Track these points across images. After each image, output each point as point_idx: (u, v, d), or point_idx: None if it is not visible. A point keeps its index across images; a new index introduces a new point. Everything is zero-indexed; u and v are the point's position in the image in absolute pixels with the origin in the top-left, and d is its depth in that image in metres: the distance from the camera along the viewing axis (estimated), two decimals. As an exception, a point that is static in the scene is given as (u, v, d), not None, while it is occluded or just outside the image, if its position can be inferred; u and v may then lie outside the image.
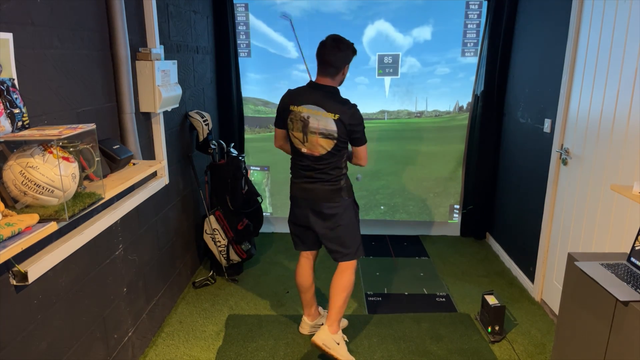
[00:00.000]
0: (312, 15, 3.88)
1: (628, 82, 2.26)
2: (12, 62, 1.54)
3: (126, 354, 2.39)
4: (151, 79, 2.42)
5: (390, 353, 2.60)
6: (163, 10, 2.73)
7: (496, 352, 2.61)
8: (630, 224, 2.19)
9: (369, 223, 4.29)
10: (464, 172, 4.12)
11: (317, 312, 2.80)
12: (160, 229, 2.81)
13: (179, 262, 3.13)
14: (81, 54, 1.98)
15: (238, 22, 3.90)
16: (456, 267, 3.67)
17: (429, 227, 4.30)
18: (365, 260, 3.77)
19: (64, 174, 1.53)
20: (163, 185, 2.71)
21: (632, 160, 2.20)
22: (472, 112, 3.99)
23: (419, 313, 3.00)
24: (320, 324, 2.77)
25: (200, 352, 2.60)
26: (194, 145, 3.36)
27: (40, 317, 1.71)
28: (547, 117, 3.06)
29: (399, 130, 4.07)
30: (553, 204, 2.99)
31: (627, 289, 1.64)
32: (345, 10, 3.86)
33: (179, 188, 3.12)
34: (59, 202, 1.55)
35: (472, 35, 3.80)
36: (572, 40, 2.75)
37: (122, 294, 2.33)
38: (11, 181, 1.47)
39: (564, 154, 2.83)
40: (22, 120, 1.54)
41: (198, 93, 3.48)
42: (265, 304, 3.11)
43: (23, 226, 1.42)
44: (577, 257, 1.92)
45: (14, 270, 1.55)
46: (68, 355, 1.88)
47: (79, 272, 1.95)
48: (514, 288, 3.34)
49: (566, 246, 2.82)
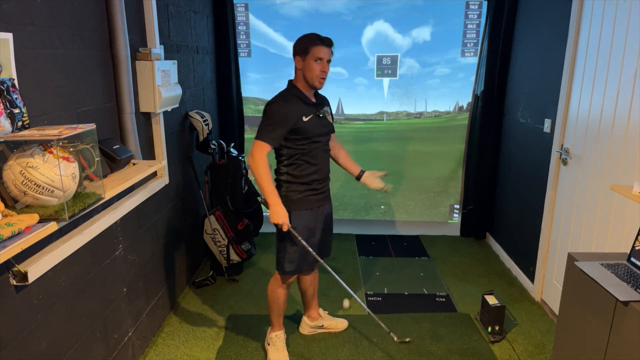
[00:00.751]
0: (311, 15, 3.88)
1: (628, 82, 2.26)
2: (12, 62, 1.54)
3: (126, 354, 2.39)
4: (151, 79, 2.42)
5: (390, 353, 2.60)
6: (163, 10, 2.73)
7: (496, 352, 2.61)
8: (630, 224, 2.19)
9: (369, 223, 4.29)
10: (464, 172, 4.12)
11: (317, 314, 2.80)
12: (160, 229, 2.81)
13: (179, 262, 3.13)
14: (81, 54, 1.98)
15: (238, 22, 3.90)
16: (456, 267, 3.67)
17: (429, 227, 4.30)
18: (365, 260, 3.77)
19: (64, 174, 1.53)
20: (163, 185, 2.71)
21: (632, 160, 2.20)
22: (472, 112, 3.99)
23: (419, 313, 3.00)
24: (320, 325, 2.77)
25: (200, 352, 2.60)
26: (194, 145, 3.36)
27: (40, 317, 1.71)
28: (547, 117, 3.06)
29: (398, 131, 4.07)
30: (553, 204, 2.99)
31: (627, 289, 1.64)
32: (345, 10, 3.86)
33: (179, 188, 3.12)
34: (59, 202, 1.55)
35: (472, 36, 3.80)
36: (572, 40, 2.75)
37: (122, 294, 2.33)
38: (11, 181, 1.47)
39: (564, 154, 2.83)
40: (22, 120, 1.54)
41: (198, 93, 3.48)
42: (265, 304, 3.10)
43: (23, 226, 1.42)
44: (577, 257, 1.92)
45: (14, 270, 1.55)
46: (68, 355, 1.88)
47: (79, 272, 1.95)
48: (514, 288, 3.34)
49: (566, 246, 2.82)
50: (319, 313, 2.82)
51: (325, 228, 2.50)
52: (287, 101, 2.25)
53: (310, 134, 2.27)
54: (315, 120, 2.30)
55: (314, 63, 2.21)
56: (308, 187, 2.33)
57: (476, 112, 3.98)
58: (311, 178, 2.33)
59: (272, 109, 2.22)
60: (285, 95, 2.28)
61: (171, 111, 2.79)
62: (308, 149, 2.29)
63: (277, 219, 2.20)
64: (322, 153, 2.37)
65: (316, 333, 2.78)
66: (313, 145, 2.30)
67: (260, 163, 2.17)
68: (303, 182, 2.32)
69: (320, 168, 2.36)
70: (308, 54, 2.20)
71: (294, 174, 2.31)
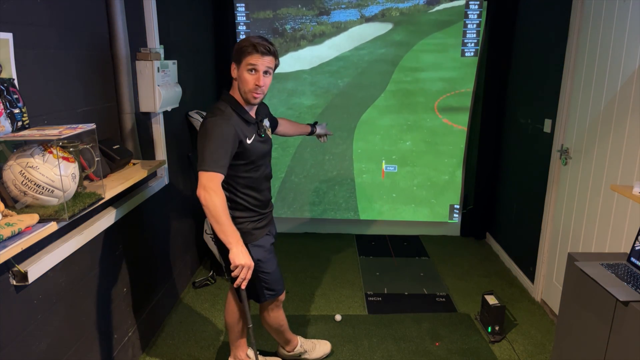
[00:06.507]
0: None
1: (628, 82, 2.26)
2: (12, 62, 1.54)
3: (126, 354, 2.39)
4: (151, 79, 2.42)
5: (390, 353, 2.60)
6: (163, 10, 2.73)
7: (496, 352, 2.61)
8: (630, 224, 2.19)
9: (369, 223, 4.29)
10: (464, 172, 4.12)
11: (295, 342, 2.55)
12: (160, 229, 2.81)
13: (179, 262, 3.13)
14: (81, 54, 1.98)
15: (238, 22, 3.90)
16: (456, 267, 3.67)
17: (429, 227, 4.30)
18: (365, 260, 3.77)
19: (64, 174, 1.53)
20: (163, 185, 2.71)
21: (632, 160, 2.20)
22: (472, 112, 3.99)
23: (419, 313, 3.00)
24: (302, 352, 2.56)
25: (200, 352, 2.60)
26: (194, 145, 3.36)
27: (40, 317, 1.71)
28: (547, 117, 3.06)
29: (398, 131, 4.06)
30: (553, 204, 2.99)
31: (627, 289, 1.64)
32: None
33: (179, 188, 3.12)
34: (59, 202, 1.55)
35: (472, 35, 3.80)
36: (572, 40, 2.75)
37: (122, 294, 2.33)
38: (11, 181, 1.47)
39: (564, 154, 2.83)
40: (22, 120, 1.54)
41: (198, 93, 3.48)
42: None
43: (23, 226, 1.42)
44: (577, 257, 1.92)
45: (14, 270, 1.55)
46: (68, 355, 1.88)
47: (79, 272, 1.95)
48: (514, 288, 3.34)
49: (566, 246, 2.82)
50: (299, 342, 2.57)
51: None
52: (228, 119, 1.85)
53: (254, 158, 1.96)
54: (258, 143, 1.98)
55: (247, 74, 1.85)
56: (256, 214, 2.08)
57: (476, 112, 3.98)
58: (256, 204, 2.06)
59: (215, 129, 1.81)
60: (224, 112, 1.87)
61: (171, 111, 2.79)
62: (252, 176, 2.01)
63: (242, 259, 1.78)
64: (265, 178, 2.10)
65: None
66: (257, 174, 2.02)
67: (219, 194, 1.75)
68: (251, 210, 2.05)
69: (263, 192, 2.09)
70: (241, 62, 1.86)
71: (240, 203, 2.02)
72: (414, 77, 3.93)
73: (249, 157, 1.94)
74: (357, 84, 3.98)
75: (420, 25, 3.84)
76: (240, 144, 1.88)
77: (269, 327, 2.38)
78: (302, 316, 2.95)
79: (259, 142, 1.99)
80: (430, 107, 3.98)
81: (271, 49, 1.86)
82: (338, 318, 2.90)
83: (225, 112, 1.88)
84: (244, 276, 1.79)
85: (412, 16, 3.83)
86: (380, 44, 3.90)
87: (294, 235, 4.26)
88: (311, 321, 2.90)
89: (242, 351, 2.41)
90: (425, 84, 3.93)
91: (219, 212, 1.75)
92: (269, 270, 2.14)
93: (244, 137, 1.90)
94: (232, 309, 2.33)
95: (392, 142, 4.08)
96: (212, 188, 1.74)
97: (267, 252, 2.12)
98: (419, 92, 3.96)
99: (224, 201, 1.77)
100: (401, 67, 3.93)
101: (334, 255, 3.86)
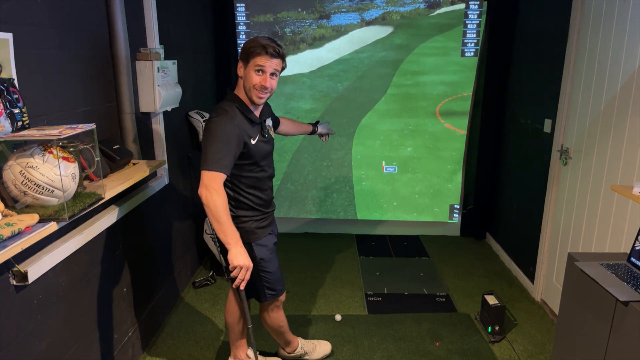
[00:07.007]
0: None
1: (628, 83, 2.26)
2: (12, 62, 1.54)
3: (126, 354, 2.39)
4: (151, 79, 2.42)
5: (390, 353, 2.60)
6: (163, 10, 2.73)
7: (496, 352, 2.61)
8: (630, 224, 2.19)
9: (369, 223, 4.29)
10: (464, 172, 4.12)
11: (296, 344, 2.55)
12: (160, 229, 2.81)
13: (179, 262, 3.13)
14: (81, 54, 1.98)
15: (238, 22, 3.90)
16: (456, 267, 3.67)
17: (429, 227, 4.30)
18: (365, 260, 3.77)
19: (64, 174, 1.53)
20: (163, 185, 2.71)
21: (632, 160, 2.20)
22: (472, 113, 3.99)
23: (419, 313, 3.00)
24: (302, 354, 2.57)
25: (200, 352, 2.60)
26: (194, 145, 3.36)
27: (40, 317, 1.71)
28: (547, 117, 3.06)
29: (399, 136, 4.06)
30: (553, 204, 2.99)
31: (627, 289, 1.64)
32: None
33: (179, 188, 3.12)
34: (59, 202, 1.55)
35: (472, 35, 3.80)
36: (572, 41, 2.75)
37: (122, 294, 2.33)
38: (11, 181, 1.47)
39: (564, 154, 2.83)
40: (22, 120, 1.54)
41: (198, 93, 3.48)
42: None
43: (23, 226, 1.42)
44: (577, 257, 1.92)
45: (14, 270, 1.55)
46: (68, 355, 1.88)
47: (78, 272, 1.95)
48: (514, 288, 3.34)
49: (566, 246, 2.82)
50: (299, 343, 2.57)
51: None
52: (232, 118, 1.87)
53: (257, 159, 1.98)
54: (262, 143, 2.00)
55: (253, 74, 1.86)
56: (260, 213, 2.09)
57: (476, 112, 3.98)
58: (259, 203, 2.07)
59: (218, 129, 1.82)
60: (228, 112, 1.88)
61: (171, 111, 2.79)
62: (256, 176, 2.02)
63: (241, 260, 1.80)
64: (268, 178, 2.12)
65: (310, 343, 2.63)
66: (261, 174, 2.03)
67: (220, 194, 1.76)
68: (254, 209, 2.07)
69: (266, 192, 2.10)
70: (249, 62, 1.87)
71: (244, 202, 2.04)
72: (415, 81, 3.93)
73: (252, 157, 1.95)
74: (356, 88, 3.97)
75: (421, 28, 3.83)
76: (245, 144, 1.89)
77: (269, 328, 2.38)
78: (302, 316, 2.95)
79: (263, 142, 2.00)
80: (432, 112, 3.97)
81: (280, 51, 1.88)
82: (338, 318, 2.91)
83: (229, 112, 1.88)
84: (242, 277, 1.81)
85: (412, 20, 3.83)
86: (380, 47, 3.89)
87: (294, 235, 4.26)
88: (311, 321, 2.90)
89: (242, 351, 2.41)
90: (426, 88, 3.93)
91: (220, 211, 1.75)
92: (271, 270, 2.15)
93: (248, 138, 1.90)
94: (233, 308, 2.32)
95: (393, 148, 4.07)
96: (214, 187, 1.75)
97: (269, 251, 2.14)
98: (420, 95, 3.95)
99: (225, 201, 1.77)
100: (402, 71, 3.92)
101: (334, 255, 3.86)
